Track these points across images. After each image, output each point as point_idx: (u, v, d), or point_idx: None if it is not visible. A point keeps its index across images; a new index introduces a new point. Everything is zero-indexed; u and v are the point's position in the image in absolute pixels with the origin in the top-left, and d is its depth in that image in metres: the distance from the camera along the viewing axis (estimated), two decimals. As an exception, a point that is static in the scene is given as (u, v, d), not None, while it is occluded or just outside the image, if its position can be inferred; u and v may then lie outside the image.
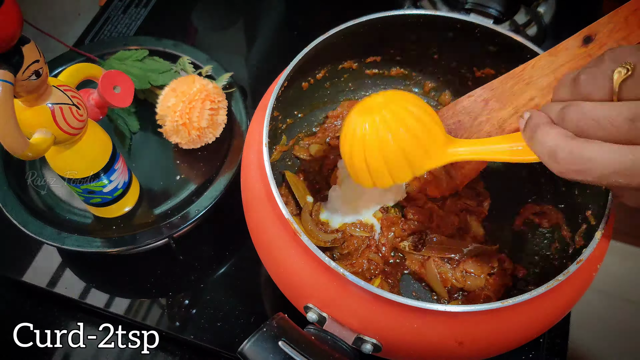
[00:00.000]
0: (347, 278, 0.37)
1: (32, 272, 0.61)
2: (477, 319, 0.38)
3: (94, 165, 0.52)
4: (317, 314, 0.40)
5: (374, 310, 0.38)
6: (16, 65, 0.38)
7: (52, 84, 0.44)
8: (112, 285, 0.61)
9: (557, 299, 0.40)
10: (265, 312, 0.59)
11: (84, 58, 0.69)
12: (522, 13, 0.78)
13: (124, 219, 0.60)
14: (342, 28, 0.52)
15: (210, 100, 0.60)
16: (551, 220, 0.54)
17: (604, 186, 0.40)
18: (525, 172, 0.59)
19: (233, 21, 0.89)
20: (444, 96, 0.65)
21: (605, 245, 0.43)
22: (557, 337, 0.58)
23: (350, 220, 0.56)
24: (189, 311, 0.58)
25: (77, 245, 0.55)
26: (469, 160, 0.49)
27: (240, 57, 0.83)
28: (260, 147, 0.44)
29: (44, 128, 0.44)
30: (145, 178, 0.63)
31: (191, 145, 0.63)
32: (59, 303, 0.61)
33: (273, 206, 0.42)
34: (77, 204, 0.61)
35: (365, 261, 0.54)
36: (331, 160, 0.61)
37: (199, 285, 0.61)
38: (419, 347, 0.39)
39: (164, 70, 0.67)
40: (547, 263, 0.52)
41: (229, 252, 0.63)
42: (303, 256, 0.40)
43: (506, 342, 0.41)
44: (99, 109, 0.54)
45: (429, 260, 0.54)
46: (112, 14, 0.86)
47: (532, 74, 0.49)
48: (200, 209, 0.58)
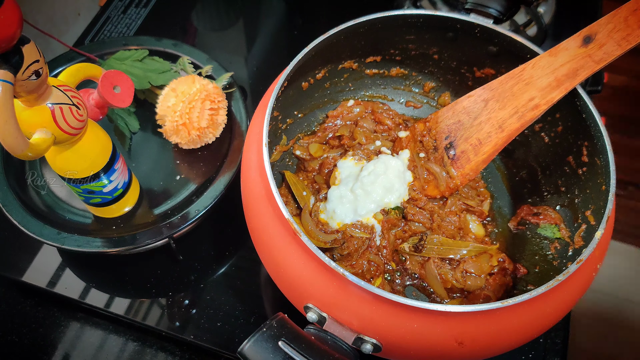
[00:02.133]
0: (347, 278, 0.37)
1: (32, 272, 0.61)
2: (477, 319, 0.38)
3: (94, 165, 0.52)
4: (317, 314, 0.40)
5: (374, 310, 0.38)
6: (16, 65, 0.38)
7: (52, 84, 0.44)
8: (112, 285, 0.61)
9: (557, 299, 0.40)
10: (265, 312, 0.59)
11: (84, 58, 0.69)
12: (522, 13, 0.78)
13: (124, 219, 0.60)
14: (342, 28, 0.52)
15: (210, 100, 0.60)
16: (551, 221, 0.54)
17: None
18: (525, 173, 0.59)
19: (233, 21, 0.89)
20: (444, 96, 0.65)
21: (605, 245, 0.43)
22: (557, 337, 0.58)
23: (351, 220, 0.56)
24: (189, 311, 0.58)
25: (77, 245, 0.55)
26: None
27: (240, 57, 0.83)
28: (260, 147, 0.44)
29: (44, 128, 0.44)
30: (145, 178, 0.63)
31: (191, 145, 0.63)
32: (59, 303, 0.61)
33: (273, 206, 0.42)
34: (77, 204, 0.61)
35: (365, 262, 0.54)
36: (331, 160, 0.61)
37: (199, 285, 0.61)
38: (419, 347, 0.39)
39: (164, 70, 0.67)
40: (547, 263, 0.52)
41: (229, 252, 0.63)
42: (303, 256, 0.40)
43: (506, 342, 0.41)
44: (99, 109, 0.54)
45: (429, 261, 0.54)
46: (112, 14, 0.86)
47: (532, 74, 0.49)
48: (200, 209, 0.58)
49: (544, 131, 0.56)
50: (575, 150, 0.51)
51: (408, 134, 0.61)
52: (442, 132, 0.57)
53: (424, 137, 0.59)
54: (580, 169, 0.50)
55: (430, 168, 0.57)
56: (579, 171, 0.51)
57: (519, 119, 0.50)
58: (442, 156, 0.57)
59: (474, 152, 0.54)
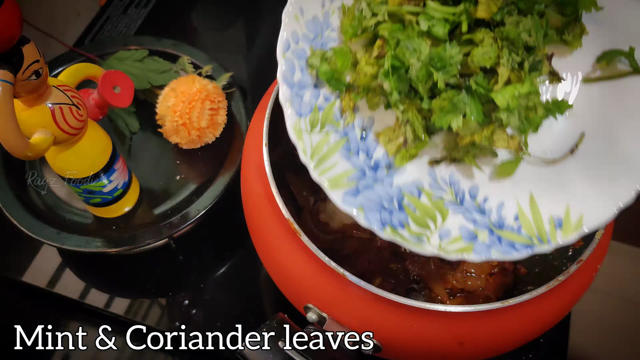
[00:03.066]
0: (347, 278, 0.37)
1: (32, 272, 0.61)
2: (477, 319, 0.38)
3: (94, 165, 0.52)
4: (317, 314, 0.40)
5: (374, 310, 0.38)
6: (16, 65, 0.38)
7: (52, 84, 0.44)
8: (112, 285, 0.61)
9: (557, 299, 0.40)
10: (265, 312, 0.59)
11: (84, 58, 0.69)
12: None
13: (124, 219, 0.60)
14: (342, 28, 0.51)
15: (210, 100, 0.60)
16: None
17: None
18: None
19: (233, 21, 0.89)
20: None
21: (605, 245, 0.43)
22: (557, 337, 0.58)
23: (350, 220, 0.56)
24: (189, 311, 0.58)
25: (77, 245, 0.55)
26: None
27: (240, 57, 0.83)
28: (260, 147, 0.44)
29: (44, 128, 0.44)
30: (145, 178, 0.63)
31: (191, 145, 0.63)
32: (59, 303, 0.61)
33: (273, 206, 0.42)
34: (77, 204, 0.61)
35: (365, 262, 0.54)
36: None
37: (199, 285, 0.61)
38: (419, 347, 0.39)
39: (164, 70, 0.67)
40: (547, 263, 0.52)
41: (229, 252, 0.63)
42: (303, 256, 0.40)
43: (506, 342, 0.41)
44: (99, 109, 0.54)
45: (429, 262, 0.54)
46: (112, 14, 0.86)
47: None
48: (200, 209, 0.58)
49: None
50: (575, 150, 0.51)
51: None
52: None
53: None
54: (580, 169, 0.50)
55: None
56: (579, 171, 0.51)
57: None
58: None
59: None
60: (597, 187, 0.33)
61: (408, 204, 0.33)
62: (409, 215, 0.33)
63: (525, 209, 0.33)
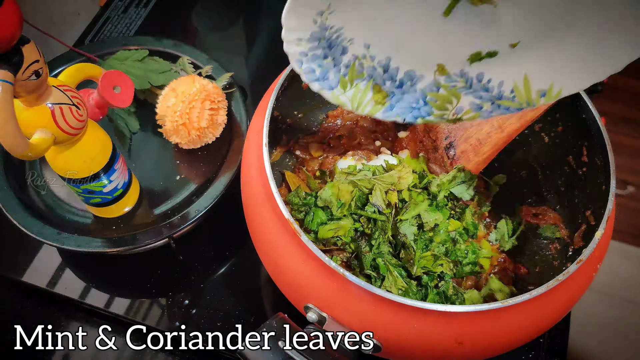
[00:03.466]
0: (347, 278, 0.37)
1: (32, 272, 0.61)
2: (477, 319, 0.38)
3: (94, 165, 0.52)
4: (317, 314, 0.40)
5: (374, 310, 0.38)
6: (16, 65, 0.38)
7: (52, 84, 0.44)
8: (112, 285, 0.61)
9: (557, 299, 0.40)
10: (265, 312, 0.59)
11: (84, 58, 0.69)
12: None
13: (124, 219, 0.60)
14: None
15: (210, 100, 0.60)
16: (551, 221, 0.54)
17: None
18: (525, 173, 0.59)
19: (233, 21, 0.89)
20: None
21: (605, 245, 0.43)
22: (557, 337, 0.58)
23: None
24: (189, 311, 0.58)
25: (77, 245, 0.55)
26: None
27: (240, 57, 0.83)
28: (260, 147, 0.44)
29: (44, 128, 0.44)
30: (145, 178, 0.63)
31: (191, 145, 0.63)
32: (59, 303, 0.61)
33: (273, 206, 0.42)
34: (77, 204, 0.61)
35: None
36: (331, 160, 0.60)
37: (199, 285, 0.61)
38: (419, 347, 0.39)
39: (164, 70, 0.67)
40: (547, 263, 0.52)
41: (229, 252, 0.63)
42: (303, 256, 0.40)
43: (506, 342, 0.41)
44: (99, 109, 0.54)
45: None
46: (112, 14, 0.86)
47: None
48: (200, 209, 0.58)
49: (543, 131, 0.56)
50: (575, 150, 0.51)
51: (408, 134, 0.61)
52: (442, 132, 0.57)
53: (424, 137, 0.59)
54: (580, 169, 0.50)
55: (430, 168, 0.57)
56: (579, 171, 0.51)
57: (518, 119, 0.50)
58: (442, 156, 0.57)
59: (474, 153, 0.54)
60: (575, 71, 0.43)
61: (430, 98, 0.45)
62: (432, 106, 0.46)
63: (520, 86, 0.44)
